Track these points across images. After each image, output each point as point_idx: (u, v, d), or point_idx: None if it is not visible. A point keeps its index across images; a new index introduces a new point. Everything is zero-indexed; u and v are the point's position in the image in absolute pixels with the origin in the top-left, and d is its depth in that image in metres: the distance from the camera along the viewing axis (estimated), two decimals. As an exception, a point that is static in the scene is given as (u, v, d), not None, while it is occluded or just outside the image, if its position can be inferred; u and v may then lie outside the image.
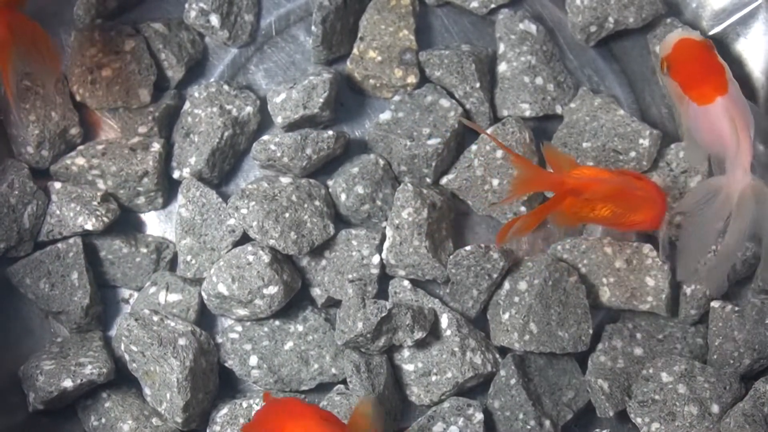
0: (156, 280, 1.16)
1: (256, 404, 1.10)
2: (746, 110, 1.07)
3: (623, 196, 1.04)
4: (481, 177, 1.17)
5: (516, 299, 1.14)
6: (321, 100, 1.15)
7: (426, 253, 1.13)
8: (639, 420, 1.11)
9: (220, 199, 1.15)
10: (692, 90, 1.08)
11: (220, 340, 1.14)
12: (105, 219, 1.14)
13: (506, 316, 1.13)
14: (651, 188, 1.07)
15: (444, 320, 1.13)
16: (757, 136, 1.08)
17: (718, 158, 1.10)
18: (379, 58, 1.20)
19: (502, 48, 1.22)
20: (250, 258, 1.11)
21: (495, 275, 1.14)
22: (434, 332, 1.13)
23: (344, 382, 1.13)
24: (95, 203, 1.14)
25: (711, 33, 1.23)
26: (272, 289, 1.11)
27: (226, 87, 1.19)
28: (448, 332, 1.12)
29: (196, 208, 1.15)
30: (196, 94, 1.18)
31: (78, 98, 1.19)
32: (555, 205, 1.05)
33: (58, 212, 1.14)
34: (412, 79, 1.20)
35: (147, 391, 1.10)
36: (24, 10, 1.07)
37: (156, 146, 1.16)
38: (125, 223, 1.18)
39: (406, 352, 1.14)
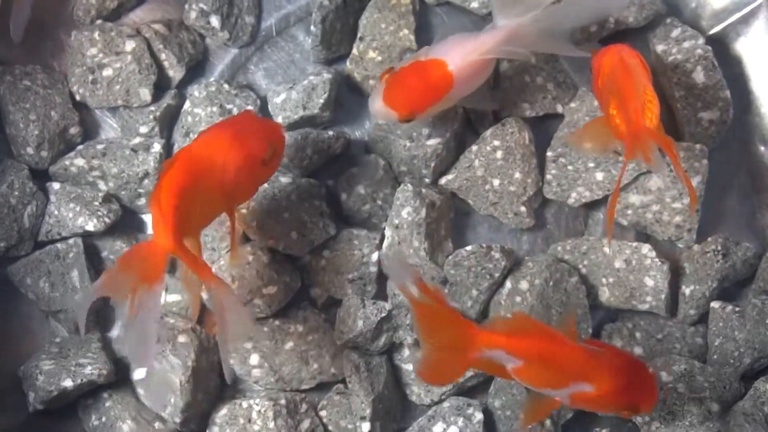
0: (156, 280, 1.16)
1: (257, 404, 1.10)
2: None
3: None
4: (482, 177, 1.17)
5: (518, 299, 1.14)
6: (321, 100, 1.16)
7: (425, 255, 1.13)
8: (639, 419, 1.11)
9: (219, 200, 1.15)
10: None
11: (220, 340, 1.14)
12: (107, 220, 1.14)
13: (508, 316, 1.13)
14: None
15: (444, 320, 1.13)
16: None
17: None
18: (379, 59, 1.20)
19: (502, 47, 1.22)
20: (250, 258, 1.11)
21: (497, 275, 1.14)
22: (434, 332, 1.13)
23: (344, 381, 1.13)
24: (97, 203, 1.14)
25: (711, 32, 1.23)
26: (272, 289, 1.11)
27: (226, 86, 1.19)
28: (448, 332, 1.13)
29: (196, 208, 1.15)
30: (196, 93, 1.18)
31: (78, 98, 1.19)
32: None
33: (56, 212, 1.14)
34: (411, 80, 1.20)
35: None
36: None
37: (157, 146, 1.16)
38: (126, 223, 1.18)
39: (406, 352, 1.14)
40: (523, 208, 1.17)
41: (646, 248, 1.15)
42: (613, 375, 0.94)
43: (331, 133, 1.16)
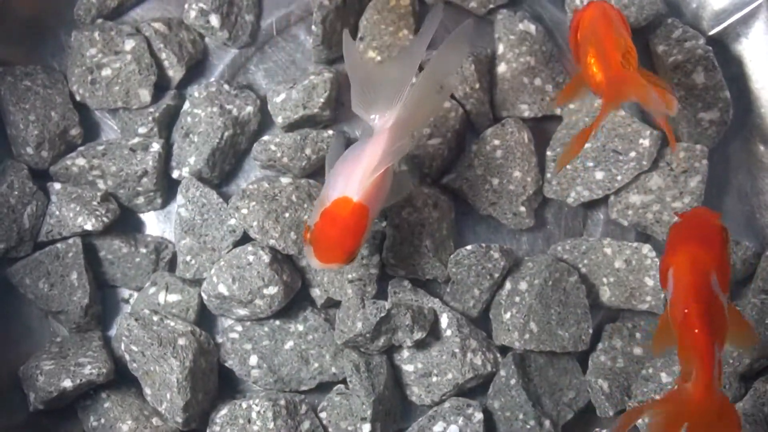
0: (155, 280, 1.15)
1: (256, 404, 1.10)
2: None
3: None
4: (482, 177, 1.17)
5: (517, 299, 1.14)
6: (321, 99, 1.15)
7: (426, 252, 1.13)
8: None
9: (220, 200, 1.15)
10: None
11: (220, 340, 1.14)
12: (105, 219, 1.13)
13: (507, 315, 1.13)
14: None
15: (444, 320, 1.13)
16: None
17: None
18: (379, 58, 1.20)
19: (501, 48, 1.21)
20: (251, 258, 1.11)
21: (496, 275, 1.14)
22: (434, 332, 1.13)
23: (344, 381, 1.13)
24: (95, 203, 1.14)
25: (711, 33, 1.23)
26: (272, 289, 1.11)
27: (226, 87, 1.19)
28: (449, 332, 1.12)
29: (196, 208, 1.15)
30: (196, 94, 1.18)
31: (78, 98, 1.19)
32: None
33: (57, 213, 1.14)
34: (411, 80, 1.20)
35: (147, 390, 1.10)
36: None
37: (155, 146, 1.16)
38: (124, 223, 1.18)
39: (405, 353, 1.14)
40: (522, 208, 1.17)
41: (646, 248, 1.15)
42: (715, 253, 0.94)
43: (330, 132, 1.16)
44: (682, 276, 0.92)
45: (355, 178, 0.99)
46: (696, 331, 0.89)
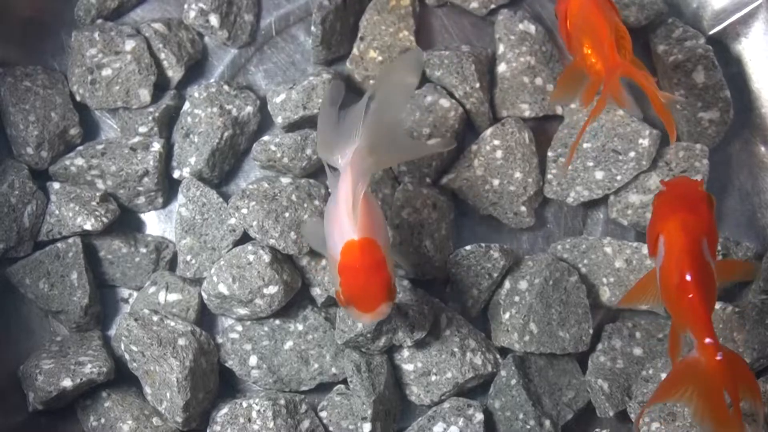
0: (155, 280, 1.16)
1: (256, 404, 1.10)
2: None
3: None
4: (482, 177, 1.17)
5: (516, 299, 1.14)
6: (321, 100, 1.15)
7: (426, 252, 1.13)
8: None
9: (220, 199, 1.15)
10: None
11: (220, 340, 1.14)
12: (104, 219, 1.13)
13: (506, 315, 1.13)
14: None
15: (444, 320, 1.13)
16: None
17: None
18: (380, 59, 1.20)
19: (501, 48, 1.22)
20: (251, 257, 1.11)
21: (495, 274, 1.14)
22: (434, 332, 1.13)
23: (344, 381, 1.13)
24: (94, 203, 1.14)
25: (711, 33, 1.23)
26: (272, 289, 1.11)
27: (226, 87, 1.19)
28: (448, 332, 1.12)
29: (196, 208, 1.15)
30: (196, 95, 1.18)
31: (78, 98, 1.19)
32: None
33: (57, 212, 1.14)
34: (411, 80, 1.20)
35: (147, 390, 1.10)
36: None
37: (156, 146, 1.16)
38: (125, 222, 1.18)
39: (405, 352, 1.14)
40: (523, 208, 1.17)
41: (646, 248, 1.15)
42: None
43: (330, 133, 1.16)
44: (675, 242, 0.93)
45: (344, 222, 0.97)
46: (692, 296, 0.91)
